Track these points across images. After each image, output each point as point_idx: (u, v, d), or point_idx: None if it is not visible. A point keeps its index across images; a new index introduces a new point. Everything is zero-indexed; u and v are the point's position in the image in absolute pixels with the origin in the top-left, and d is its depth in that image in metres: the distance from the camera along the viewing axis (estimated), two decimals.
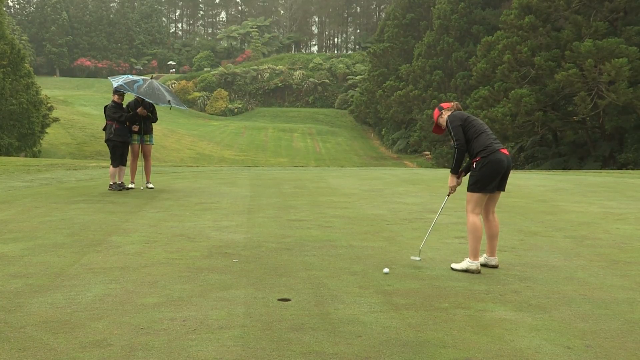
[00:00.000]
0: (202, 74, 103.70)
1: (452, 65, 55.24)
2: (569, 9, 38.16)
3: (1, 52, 45.43)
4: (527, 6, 39.01)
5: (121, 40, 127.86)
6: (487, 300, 4.75)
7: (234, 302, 4.64)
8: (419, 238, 7.26)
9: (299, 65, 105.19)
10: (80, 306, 4.51)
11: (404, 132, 69.96)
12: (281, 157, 63.70)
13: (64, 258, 6.08)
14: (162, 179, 14.97)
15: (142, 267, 5.71)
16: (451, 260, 6.11)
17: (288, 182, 13.97)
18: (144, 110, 11.95)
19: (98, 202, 10.38)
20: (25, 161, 23.73)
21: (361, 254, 6.36)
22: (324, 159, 63.50)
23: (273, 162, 57.18)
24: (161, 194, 11.76)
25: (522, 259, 6.20)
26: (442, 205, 6.61)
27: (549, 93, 38.27)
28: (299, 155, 64.57)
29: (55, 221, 8.32)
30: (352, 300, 4.71)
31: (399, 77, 64.88)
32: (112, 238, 7.12)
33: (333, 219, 8.55)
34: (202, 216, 8.92)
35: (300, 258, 6.14)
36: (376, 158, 65.82)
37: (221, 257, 6.16)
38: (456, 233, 7.61)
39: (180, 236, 7.29)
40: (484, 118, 39.51)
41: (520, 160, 42.70)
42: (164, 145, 60.28)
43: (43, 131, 49.54)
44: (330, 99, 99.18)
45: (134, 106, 12.12)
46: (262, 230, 7.77)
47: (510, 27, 40.14)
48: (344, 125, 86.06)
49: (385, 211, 9.50)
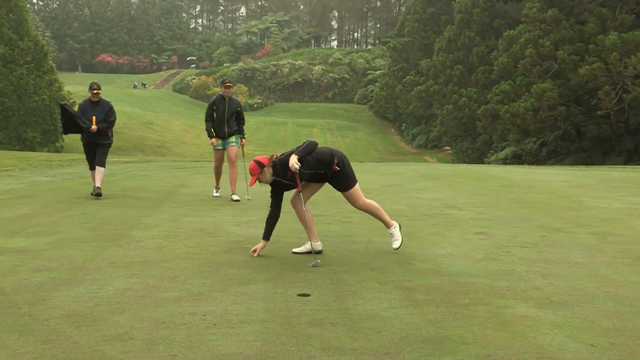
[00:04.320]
0: (221, 69, 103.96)
1: (473, 59, 54.76)
2: (594, 2, 37.62)
3: (25, 48, 45.96)
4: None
5: (142, 36, 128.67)
6: (508, 296, 4.71)
7: (253, 297, 4.65)
8: (438, 234, 7.23)
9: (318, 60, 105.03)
10: (102, 300, 4.56)
11: (424, 127, 69.58)
12: None
13: (86, 252, 6.15)
14: (182, 174, 15.06)
15: (163, 262, 5.75)
16: (471, 256, 6.07)
17: None
18: (94, 127, 10.24)
19: (119, 196, 10.48)
20: (48, 156, 24.03)
21: (381, 250, 6.35)
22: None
23: None
24: (180, 189, 11.84)
25: (543, 255, 6.14)
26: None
27: (572, 87, 37.78)
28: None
29: (77, 215, 8.42)
30: (371, 295, 4.70)
31: (419, 72, 64.48)
32: (133, 232, 7.19)
33: (352, 214, 8.55)
34: (221, 211, 8.96)
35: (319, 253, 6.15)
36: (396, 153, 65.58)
37: (241, 252, 6.18)
38: (476, 229, 7.56)
39: (200, 231, 7.33)
40: (506, 113, 39.18)
41: (542, 155, 42.24)
42: (184, 140, 60.63)
43: None
44: (350, 94, 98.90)
45: (219, 102, 10.33)
46: (281, 225, 7.77)
47: (532, 21, 39.66)
48: (364, 121, 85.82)
49: (405, 206, 9.46)
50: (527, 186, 12.48)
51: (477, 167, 21.55)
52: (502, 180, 13.76)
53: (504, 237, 7.02)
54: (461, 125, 54.24)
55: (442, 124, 57.73)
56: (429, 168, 18.87)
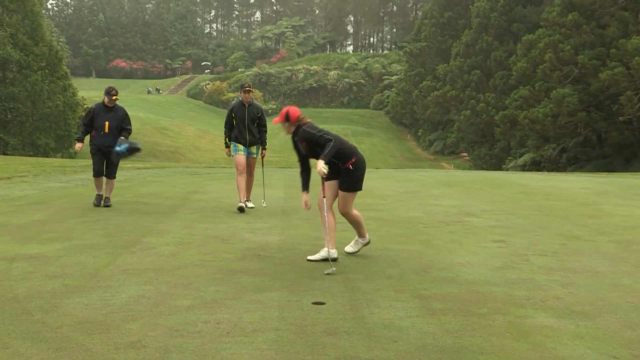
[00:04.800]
0: (236, 75, 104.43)
1: (491, 64, 54.54)
2: (615, 6, 37.33)
3: (40, 54, 46.46)
4: (570, 3, 38.28)
5: (156, 41, 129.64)
6: (527, 306, 4.67)
7: (267, 305, 4.65)
8: (456, 242, 7.19)
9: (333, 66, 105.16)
10: (115, 307, 4.58)
11: (441, 133, 69.37)
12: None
13: (99, 259, 6.19)
14: (196, 180, 15.12)
15: (176, 269, 5.77)
16: (489, 264, 6.03)
17: None
18: (79, 144, 10.23)
19: (132, 202, 10.54)
20: (62, 162, 24.24)
21: (397, 257, 6.33)
22: None
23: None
24: (194, 195, 11.88)
25: (564, 264, 6.08)
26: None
27: (593, 93, 37.49)
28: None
29: (90, 222, 8.47)
30: (387, 304, 4.68)
31: (436, 77, 64.34)
32: (146, 239, 7.22)
33: (368, 221, 8.52)
34: (235, 218, 8.98)
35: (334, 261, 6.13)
36: (412, 159, 65.40)
37: (255, 259, 6.19)
38: (495, 236, 7.50)
39: (214, 238, 7.35)
40: (524, 119, 38.95)
41: (562, 162, 41.91)
42: (198, 146, 60.91)
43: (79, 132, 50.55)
44: (366, 99, 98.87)
45: (238, 109, 9.90)
46: (296, 232, 7.79)
47: (552, 25, 39.45)
48: (380, 126, 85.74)
49: (421, 213, 9.42)
50: (546, 193, 12.38)
51: (495, 173, 21.42)
52: (520, 187, 13.67)
53: (523, 245, 6.97)
54: (479, 131, 53.98)
55: (459, 129, 57.46)
56: (446, 175, 18.80)
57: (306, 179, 6.40)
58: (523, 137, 42.24)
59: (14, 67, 45.43)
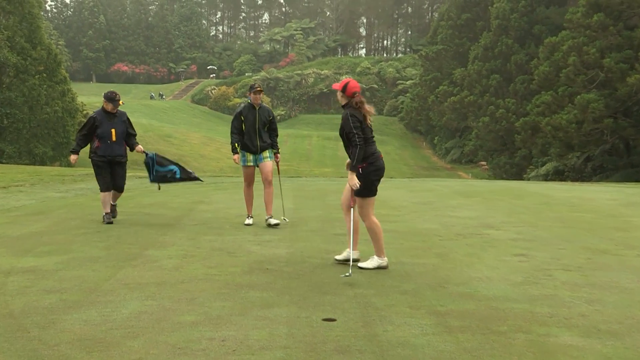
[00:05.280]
0: (243, 79, 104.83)
1: (511, 68, 54.49)
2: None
3: (38, 57, 46.84)
4: (596, 3, 38.19)
5: (160, 45, 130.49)
6: (550, 324, 4.64)
7: (275, 321, 4.65)
8: (474, 255, 7.17)
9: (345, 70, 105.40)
10: (116, 324, 4.59)
11: (458, 140, 69.29)
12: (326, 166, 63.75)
13: (99, 272, 6.21)
14: (202, 189, 15.17)
15: (180, 283, 5.79)
16: (510, 279, 6.00)
17: (333, 194, 13.97)
18: (74, 156, 9.77)
19: (134, 213, 10.58)
20: (60, 171, 24.40)
21: (412, 272, 6.32)
22: None
23: (317, 172, 57.30)
24: (199, 205, 11.92)
25: (589, 279, 6.05)
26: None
27: (620, 98, 37.32)
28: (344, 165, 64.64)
29: (90, 233, 8.52)
30: (402, 321, 4.67)
31: (453, 81, 64.33)
32: (149, 252, 7.25)
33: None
34: (242, 229, 8.99)
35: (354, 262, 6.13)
36: (428, 168, 65.29)
37: (262, 273, 6.20)
38: (515, 250, 7.47)
39: (220, 250, 7.37)
40: (547, 126, 38.82)
41: (587, 171, 41.69)
42: (203, 154, 61.13)
43: None
44: (379, 105, 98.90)
45: (246, 112, 9.36)
46: (306, 244, 7.79)
47: (576, 27, 39.36)
48: (393, 133, 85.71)
49: (438, 225, 9.41)
50: (570, 204, 12.32)
51: (515, 183, 21.34)
52: (543, 198, 13.61)
53: (546, 259, 6.94)
54: (498, 138, 53.85)
55: (477, 137, 57.35)
56: (463, 184, 18.75)
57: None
58: (545, 145, 42.07)
59: (11, 72, 45.80)
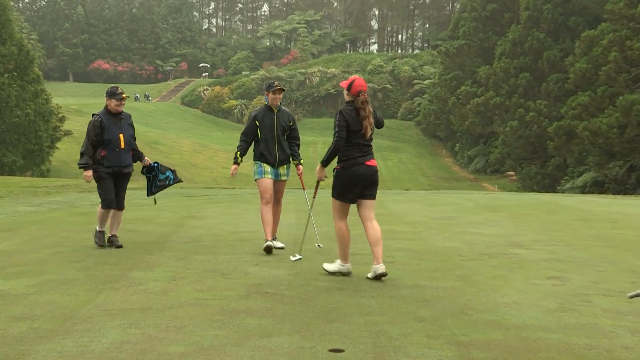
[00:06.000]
0: (239, 79, 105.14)
1: (543, 66, 54.54)
2: None
3: (8, 54, 47.01)
4: None
5: (145, 39, 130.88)
6: (589, 357, 4.63)
7: (276, 352, 4.65)
8: (500, 278, 7.15)
9: (355, 68, 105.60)
10: (94, 355, 4.60)
11: (482, 147, 69.25)
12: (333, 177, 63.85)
13: (76, 297, 6.22)
14: (192, 203, 15.20)
15: (167, 309, 5.79)
16: (542, 306, 5.99)
17: None
18: (90, 172, 8.77)
19: None
20: (32, 182, 24.47)
21: (430, 296, 6.31)
22: (385, 179, 63.36)
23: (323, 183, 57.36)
24: (190, 221, 11.93)
25: (634, 306, 6.03)
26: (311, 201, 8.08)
27: None
28: None
29: (67, 253, 8.53)
30: (419, 352, 4.67)
31: (476, 81, 64.40)
32: (132, 273, 7.25)
33: (395, 253, 8.51)
34: (238, 248, 9.00)
35: (355, 300, 6.13)
36: (448, 179, 65.27)
37: (261, 298, 6.20)
38: (548, 272, 7.46)
39: (213, 271, 7.37)
40: (584, 131, 38.78)
41: (630, 183, 41.60)
42: (194, 163, 61.23)
43: (53, 146, 50.77)
44: (393, 107, 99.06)
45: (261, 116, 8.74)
46: (310, 265, 7.79)
47: (618, 18, 39.38)
48: (409, 140, 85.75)
49: (460, 244, 9.40)
50: (611, 220, 12.29)
51: (548, 196, 21.31)
52: (579, 213, 13.58)
53: (583, 283, 6.92)
54: (528, 145, 53.83)
55: (504, 144, 57.31)
56: (488, 197, 18.73)
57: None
58: (582, 153, 42.00)
59: None
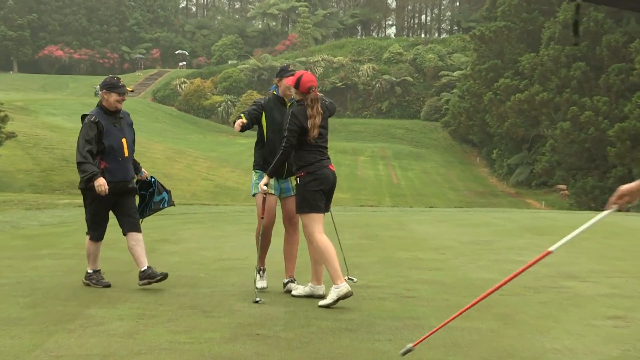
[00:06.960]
0: (224, 69, 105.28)
1: (602, 54, 54.58)
2: None
3: None
4: None
5: (108, 21, 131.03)
6: None
7: None
8: (550, 317, 7.14)
9: (367, 56, 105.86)
10: None
11: (526, 155, 69.28)
12: (340, 191, 63.75)
13: (20, 340, 6.21)
14: (166, 223, 15.19)
15: (135, 355, 5.78)
16: (602, 352, 5.98)
17: (350, 230, 13.98)
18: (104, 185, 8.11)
19: (71, 257, 10.59)
20: None
21: (461, 340, 6.29)
22: (404, 194, 63.34)
23: None
24: (163, 245, 11.93)
25: None
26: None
27: None
28: (366, 189, 64.58)
29: (9, 285, 8.52)
30: None
31: (518, 72, 64.52)
32: (91, 311, 7.24)
33: (418, 286, 8.49)
34: (222, 279, 8.99)
35: (368, 344, 6.12)
36: (483, 194, 65.26)
37: (251, 341, 6.19)
38: (610, 311, 7.44)
39: (191, 309, 7.36)
40: None
41: None
42: (168, 173, 61.21)
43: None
44: (414, 105, 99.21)
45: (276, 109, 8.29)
46: (311, 300, 7.77)
47: None
48: (435, 145, 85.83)
49: (498, 274, 9.37)
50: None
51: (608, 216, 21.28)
52: None
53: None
54: (584, 152, 53.82)
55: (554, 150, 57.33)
56: (533, 217, 18.71)
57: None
58: None
59: None
